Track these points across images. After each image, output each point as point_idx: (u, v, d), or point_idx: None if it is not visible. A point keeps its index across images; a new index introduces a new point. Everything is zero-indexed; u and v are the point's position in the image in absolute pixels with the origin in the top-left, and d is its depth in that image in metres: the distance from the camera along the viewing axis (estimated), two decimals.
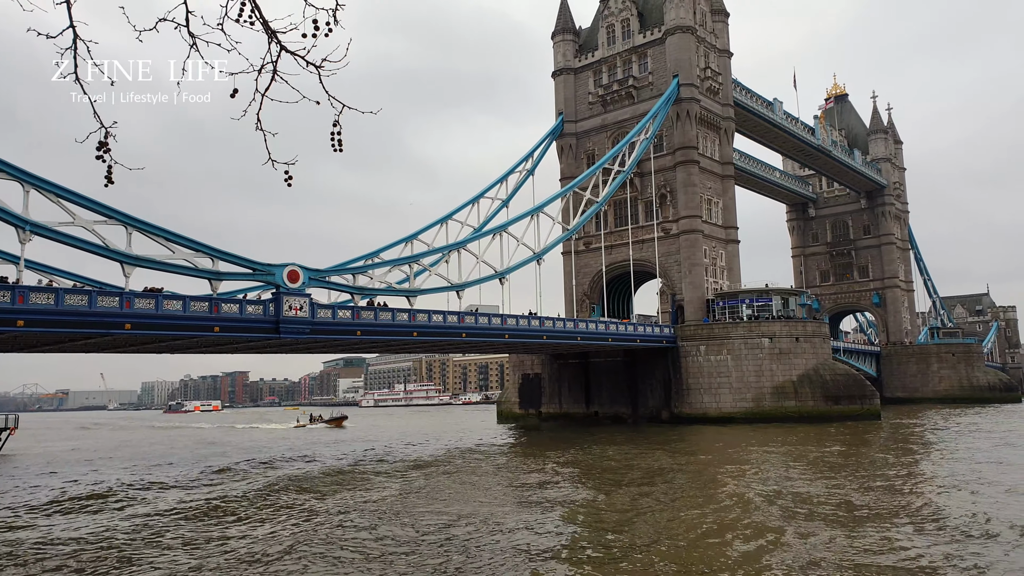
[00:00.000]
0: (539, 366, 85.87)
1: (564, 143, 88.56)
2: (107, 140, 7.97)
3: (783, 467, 37.50)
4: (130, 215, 37.64)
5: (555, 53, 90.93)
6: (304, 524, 25.50)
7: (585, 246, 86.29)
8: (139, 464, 52.01)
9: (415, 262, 55.73)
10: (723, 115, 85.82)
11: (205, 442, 76.47)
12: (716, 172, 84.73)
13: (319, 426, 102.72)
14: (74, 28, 7.51)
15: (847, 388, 70.90)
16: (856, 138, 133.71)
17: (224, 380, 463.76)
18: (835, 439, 52.25)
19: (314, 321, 45.34)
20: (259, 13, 7.69)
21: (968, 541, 20.52)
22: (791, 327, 73.20)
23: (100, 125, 7.93)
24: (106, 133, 7.95)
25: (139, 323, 38.07)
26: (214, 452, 61.25)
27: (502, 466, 43.15)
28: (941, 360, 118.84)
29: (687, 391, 72.87)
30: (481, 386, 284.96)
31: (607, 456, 45.10)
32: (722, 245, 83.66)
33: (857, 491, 29.29)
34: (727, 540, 21.44)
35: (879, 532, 21.77)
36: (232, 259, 42.15)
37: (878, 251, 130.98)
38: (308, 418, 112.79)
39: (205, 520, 26.70)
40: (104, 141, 7.96)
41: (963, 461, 39.31)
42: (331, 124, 8.46)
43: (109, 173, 8.16)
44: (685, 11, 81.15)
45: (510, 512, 26.43)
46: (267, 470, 44.09)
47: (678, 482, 33.02)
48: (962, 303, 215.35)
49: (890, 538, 21.05)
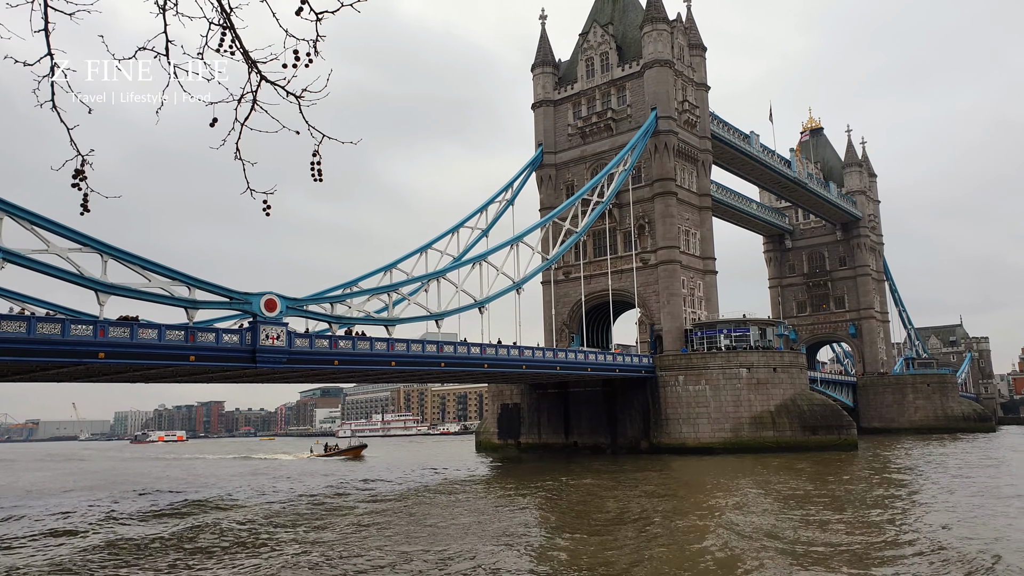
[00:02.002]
0: (518, 396, 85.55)
1: (544, 174, 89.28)
2: (83, 168, 7.91)
3: (764, 507, 37.43)
4: (106, 243, 37.23)
5: (535, 85, 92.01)
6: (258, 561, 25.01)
7: (564, 276, 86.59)
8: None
9: (394, 291, 55.59)
10: (701, 147, 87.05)
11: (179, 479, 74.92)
12: (694, 203, 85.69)
13: (334, 457, 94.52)
14: (51, 55, 7.48)
15: (824, 418, 71.25)
16: (831, 171, 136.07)
17: (199, 410, 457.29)
18: (814, 471, 52.36)
19: (291, 350, 44.94)
20: (239, 43, 7.72)
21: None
22: (769, 357, 73.65)
23: (77, 153, 7.88)
24: (83, 161, 7.90)
25: (113, 352, 37.51)
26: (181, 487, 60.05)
27: (475, 497, 42.72)
28: (917, 391, 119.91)
29: (666, 421, 72.84)
30: (460, 416, 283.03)
31: (582, 490, 44.80)
32: (700, 276, 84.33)
33: (843, 530, 29.30)
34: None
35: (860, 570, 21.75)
36: (209, 287, 41.78)
37: (854, 282, 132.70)
38: (323, 448, 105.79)
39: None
40: (80, 169, 7.90)
41: (954, 492, 39.50)
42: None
43: (85, 201, 8.08)
44: (663, 45, 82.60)
45: (479, 550, 26.10)
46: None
47: (653, 524, 32.69)
48: (936, 334, 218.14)
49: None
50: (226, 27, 7.66)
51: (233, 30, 7.68)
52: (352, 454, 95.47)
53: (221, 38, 7.64)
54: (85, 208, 8.13)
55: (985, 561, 21.66)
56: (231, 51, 7.74)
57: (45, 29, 7.40)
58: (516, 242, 66.37)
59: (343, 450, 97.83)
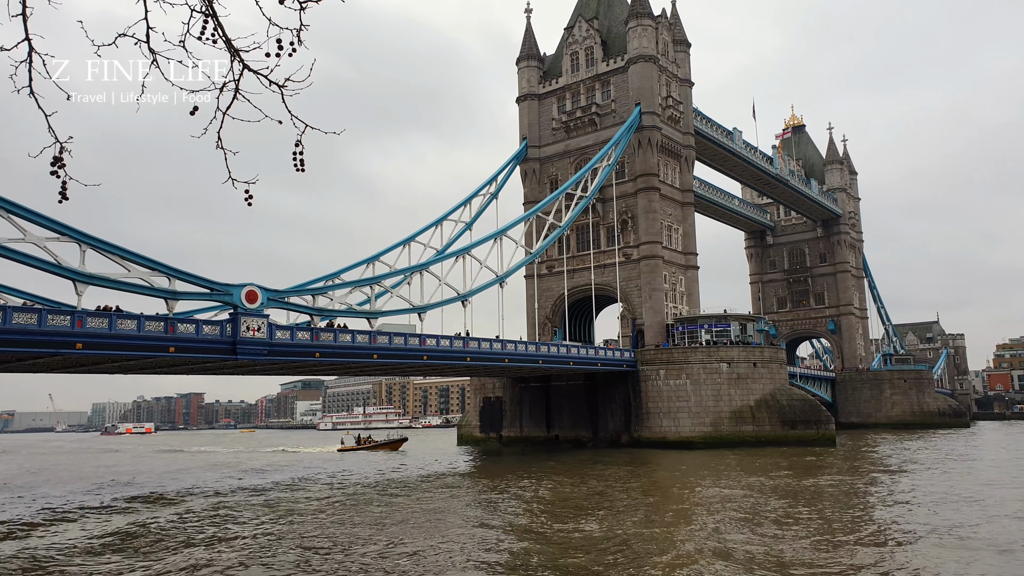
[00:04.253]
0: (500, 389, 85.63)
1: (528, 167, 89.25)
2: (62, 155, 7.82)
3: (739, 503, 37.73)
4: (84, 232, 36.73)
5: (519, 79, 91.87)
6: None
7: (548, 270, 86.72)
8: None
9: (376, 283, 55.40)
10: (684, 143, 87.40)
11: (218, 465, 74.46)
12: (676, 199, 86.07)
13: (368, 451, 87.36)
14: (29, 41, 7.38)
15: (803, 413, 71.94)
16: (813, 168, 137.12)
17: (179, 402, 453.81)
18: (792, 466, 52.86)
19: (272, 342, 44.69)
20: (222, 31, 7.65)
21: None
22: (749, 353, 74.22)
23: (55, 140, 7.78)
24: (61, 148, 7.81)
25: (91, 343, 37.08)
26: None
27: (453, 490, 42.78)
28: (894, 386, 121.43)
29: (647, 415, 73.22)
30: (442, 409, 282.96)
31: (562, 484, 44.98)
32: (682, 271, 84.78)
33: (816, 526, 29.63)
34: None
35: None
36: (189, 279, 41.38)
37: (834, 279, 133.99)
38: (355, 439, 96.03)
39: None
40: (59, 156, 7.81)
41: (925, 488, 40.06)
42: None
43: (64, 189, 7.99)
44: (648, 40, 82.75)
45: (455, 544, 26.15)
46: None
47: (621, 519, 32.86)
48: (913, 330, 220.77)
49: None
50: (208, 15, 7.59)
51: (215, 18, 7.61)
52: (391, 448, 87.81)
53: (203, 26, 7.57)
54: (64, 196, 8.04)
55: (957, 560, 22.01)
56: (213, 40, 7.67)
57: (23, 14, 7.30)
58: (500, 236, 66.30)
59: (381, 443, 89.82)
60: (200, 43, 7.64)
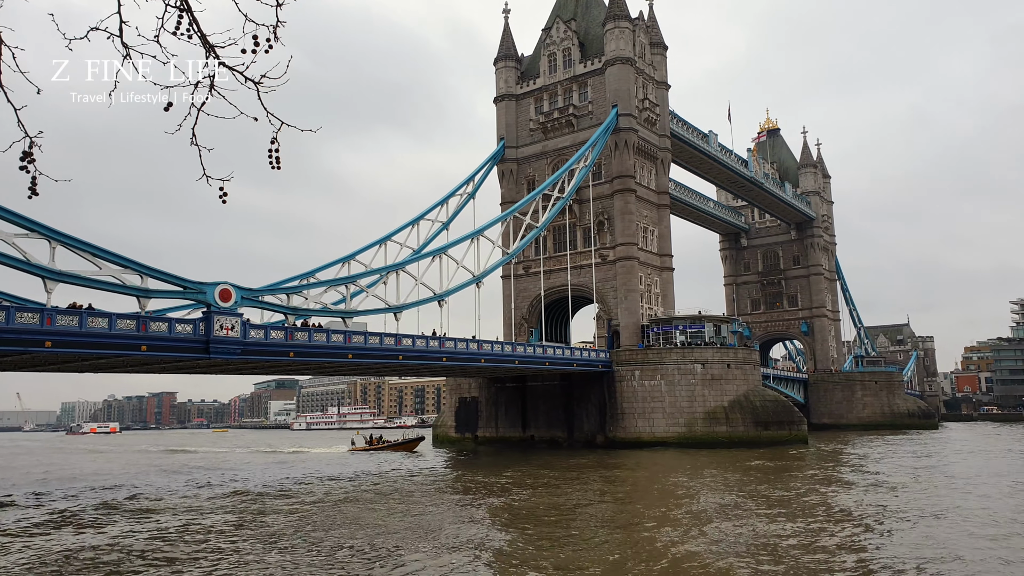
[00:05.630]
0: (476, 390, 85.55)
1: (505, 168, 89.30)
2: (32, 150, 7.71)
3: (710, 502, 38.02)
4: (54, 228, 36.15)
5: (497, 79, 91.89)
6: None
7: (524, 270, 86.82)
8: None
9: (352, 283, 55.12)
10: (660, 146, 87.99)
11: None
12: (652, 201, 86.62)
13: (381, 452, 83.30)
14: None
15: (776, 414, 72.72)
16: (787, 171, 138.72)
17: (150, 401, 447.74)
18: (764, 467, 53.39)
19: (246, 341, 44.28)
20: (197, 26, 7.59)
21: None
22: (723, 354, 74.85)
23: (25, 134, 7.67)
24: (31, 143, 7.70)
25: (61, 341, 36.50)
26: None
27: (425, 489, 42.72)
28: (865, 388, 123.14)
29: (622, 415, 73.58)
30: (417, 409, 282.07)
31: (536, 484, 45.06)
32: (657, 272, 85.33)
33: (788, 524, 29.96)
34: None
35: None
36: (162, 276, 40.91)
37: (807, 281, 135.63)
38: (365, 440, 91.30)
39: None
40: (29, 151, 7.70)
41: (894, 488, 40.67)
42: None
43: (33, 184, 7.88)
44: (625, 43, 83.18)
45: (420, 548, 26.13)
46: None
47: (599, 530, 33.05)
48: (884, 333, 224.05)
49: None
50: (183, 9, 7.53)
51: (190, 12, 7.55)
52: (406, 448, 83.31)
53: (178, 21, 7.51)
54: (34, 191, 7.93)
55: (915, 560, 22.41)
56: (188, 35, 7.61)
57: None
58: (477, 236, 66.31)
59: (394, 444, 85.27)
60: (175, 39, 7.58)
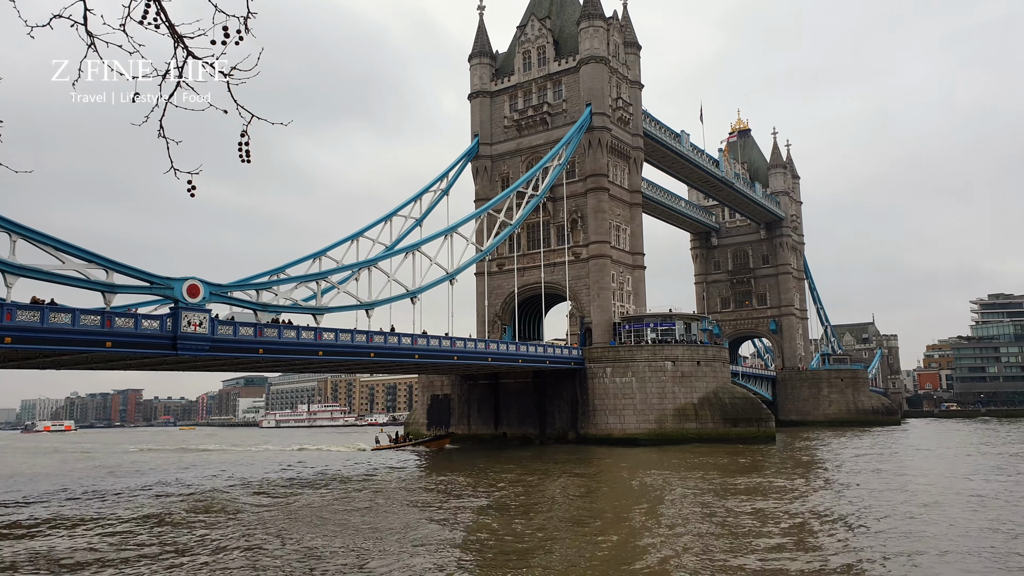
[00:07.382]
0: (449, 387, 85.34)
1: (479, 165, 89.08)
2: None
3: (676, 499, 38.31)
4: (14, 221, 35.24)
5: (472, 75, 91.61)
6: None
7: (498, 267, 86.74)
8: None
9: (323, 279, 54.57)
10: (633, 145, 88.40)
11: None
12: (625, 200, 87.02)
13: (407, 447, 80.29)
14: None
15: (745, 411, 73.50)
16: (757, 171, 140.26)
17: (115, 398, 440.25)
18: (732, 462, 53.94)
19: (214, 338, 43.63)
20: (165, 16, 7.38)
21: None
22: (693, 351, 75.47)
23: None
24: None
25: (21, 337, 35.64)
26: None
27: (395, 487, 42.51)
28: (831, 385, 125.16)
29: (593, 412, 73.89)
30: (389, 407, 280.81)
31: (505, 481, 45.07)
32: (629, 270, 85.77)
33: (754, 522, 30.26)
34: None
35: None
36: (128, 271, 40.11)
37: (775, 280, 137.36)
38: (389, 438, 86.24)
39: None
40: None
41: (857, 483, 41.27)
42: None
43: None
44: (599, 42, 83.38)
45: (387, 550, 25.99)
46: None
47: (564, 523, 33.11)
48: (851, 331, 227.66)
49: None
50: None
51: (158, 2, 7.34)
52: (437, 445, 79.56)
53: (145, 9, 7.29)
54: None
55: (878, 554, 22.77)
56: (156, 24, 7.40)
57: None
58: (450, 232, 66.04)
59: (424, 439, 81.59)
60: (142, 28, 7.36)
